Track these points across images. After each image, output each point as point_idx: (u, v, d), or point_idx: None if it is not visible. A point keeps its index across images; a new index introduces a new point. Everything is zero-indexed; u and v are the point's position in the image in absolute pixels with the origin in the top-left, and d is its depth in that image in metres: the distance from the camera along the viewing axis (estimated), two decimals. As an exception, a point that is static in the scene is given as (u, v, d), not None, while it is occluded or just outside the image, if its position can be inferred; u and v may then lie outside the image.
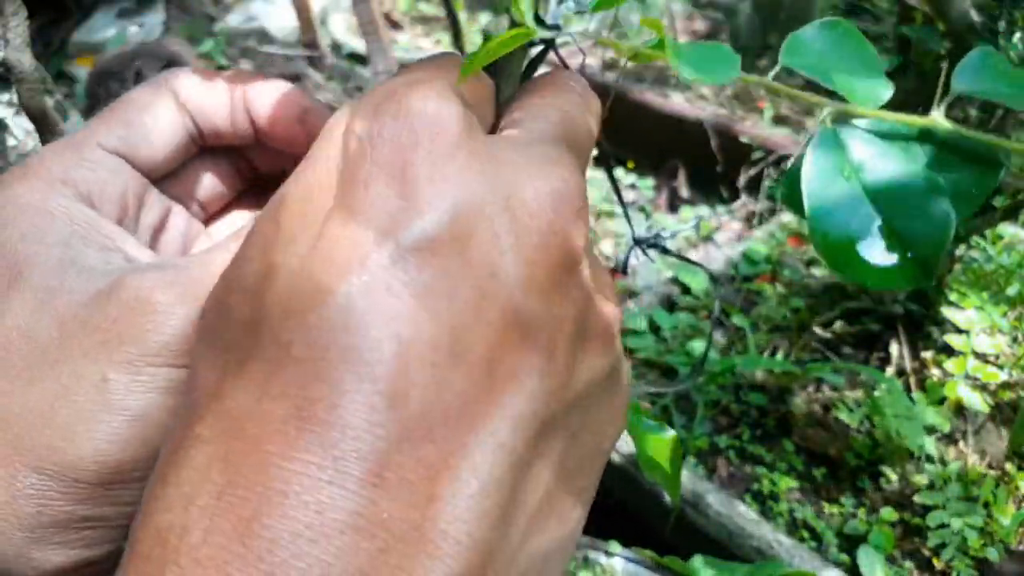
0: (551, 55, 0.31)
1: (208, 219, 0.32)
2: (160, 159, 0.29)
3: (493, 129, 0.26)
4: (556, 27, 0.30)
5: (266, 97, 0.30)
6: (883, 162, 0.25)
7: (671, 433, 0.42)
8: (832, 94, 0.26)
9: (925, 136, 0.26)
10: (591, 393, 0.22)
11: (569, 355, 0.20)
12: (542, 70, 0.31)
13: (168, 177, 0.30)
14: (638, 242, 0.40)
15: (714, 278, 0.50)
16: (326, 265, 0.18)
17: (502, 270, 0.19)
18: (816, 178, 0.25)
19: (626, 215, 0.39)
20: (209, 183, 0.32)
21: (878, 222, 0.25)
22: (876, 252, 0.25)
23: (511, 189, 0.20)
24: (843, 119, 0.26)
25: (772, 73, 0.26)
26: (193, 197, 0.31)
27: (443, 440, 0.17)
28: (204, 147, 0.31)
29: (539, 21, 0.30)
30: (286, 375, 0.17)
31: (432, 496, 0.17)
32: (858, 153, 0.25)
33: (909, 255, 0.24)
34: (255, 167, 0.33)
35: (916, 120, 0.25)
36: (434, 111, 0.20)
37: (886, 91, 0.25)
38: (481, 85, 0.25)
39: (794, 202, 0.26)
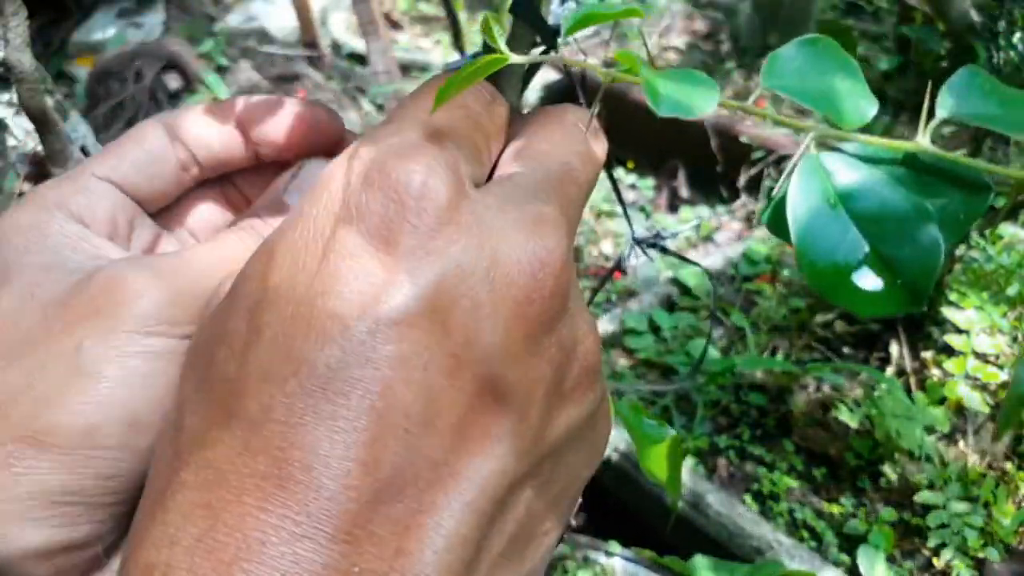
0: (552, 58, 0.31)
1: None
2: (152, 189, 0.31)
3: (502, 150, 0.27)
4: (557, 30, 0.30)
5: (261, 106, 0.31)
6: (869, 188, 0.25)
7: (671, 433, 0.42)
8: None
9: (911, 160, 0.26)
10: (569, 439, 0.23)
11: (544, 412, 0.21)
12: (543, 73, 0.31)
13: (165, 210, 0.32)
14: (637, 242, 0.40)
15: (711, 276, 0.50)
16: (308, 333, 0.19)
17: (479, 339, 0.20)
18: (801, 205, 0.25)
19: (626, 215, 0.39)
20: (204, 216, 0.33)
21: (866, 249, 0.25)
22: (865, 279, 0.24)
23: (494, 259, 0.20)
24: (828, 143, 0.26)
25: (754, 96, 0.25)
26: (188, 228, 0.33)
27: (412, 499, 0.19)
28: (203, 180, 0.32)
29: (541, 22, 0.30)
30: (267, 434, 0.18)
31: (400, 550, 0.18)
32: (843, 179, 0.25)
33: (898, 281, 0.24)
34: (250, 200, 0.34)
35: (902, 144, 0.25)
36: (421, 185, 0.20)
37: (871, 109, 0.25)
38: (490, 121, 0.26)
39: (779, 229, 0.26)
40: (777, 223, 0.26)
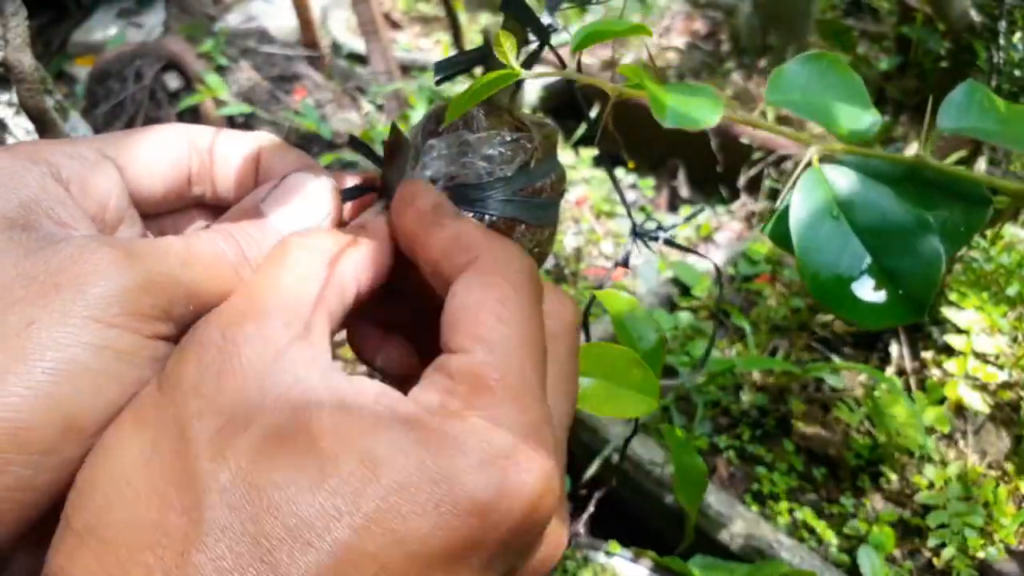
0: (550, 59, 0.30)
1: None
2: (153, 191, 0.29)
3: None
4: (552, 28, 0.30)
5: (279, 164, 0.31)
6: (871, 200, 0.25)
7: (703, 466, 0.45)
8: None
9: (912, 173, 0.26)
10: None
11: None
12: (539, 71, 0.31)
13: (156, 217, 0.31)
14: (639, 234, 0.40)
15: (717, 269, 0.51)
16: None
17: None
18: (804, 217, 0.25)
19: (627, 210, 0.39)
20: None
21: (868, 260, 0.25)
22: (867, 290, 0.24)
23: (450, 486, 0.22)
24: (831, 155, 0.26)
25: (759, 110, 0.26)
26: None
27: None
28: (202, 203, 0.31)
29: (533, 19, 0.30)
30: None
31: None
32: (846, 192, 0.25)
33: (900, 292, 0.24)
34: None
35: (903, 157, 0.25)
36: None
37: (874, 123, 0.25)
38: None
39: (782, 240, 0.26)
40: (780, 234, 0.26)
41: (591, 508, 0.64)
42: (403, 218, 0.28)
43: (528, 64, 0.30)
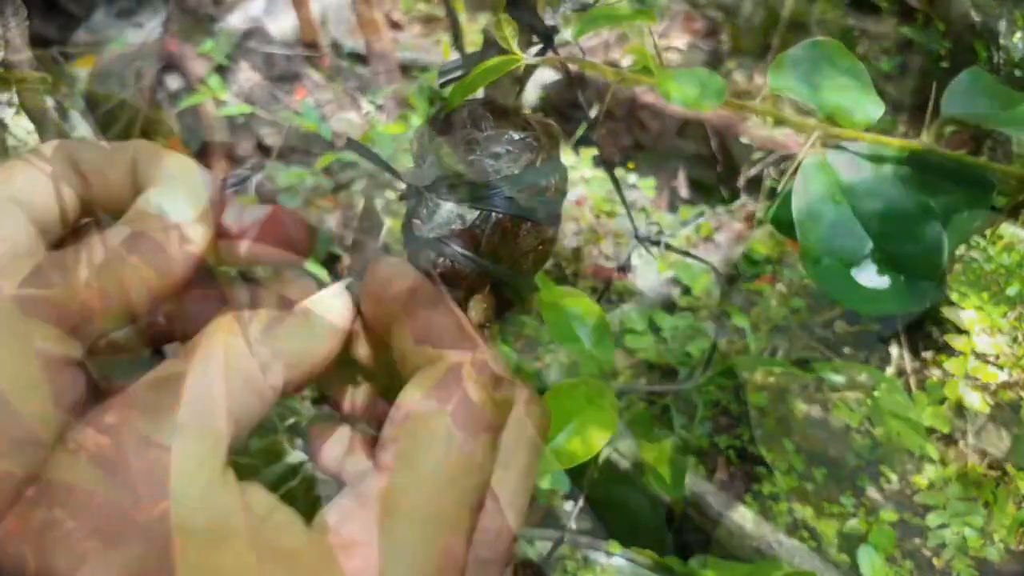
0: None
1: None
2: (49, 218, 0.28)
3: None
4: (554, 29, 0.30)
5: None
6: (874, 186, 0.25)
7: (668, 439, 0.43)
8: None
9: (916, 159, 0.26)
10: None
11: None
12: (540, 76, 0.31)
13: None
14: (640, 240, 0.40)
15: (718, 271, 0.51)
16: None
17: None
18: (807, 203, 0.25)
19: (629, 214, 0.39)
20: None
21: (870, 246, 0.25)
22: (869, 276, 0.24)
23: None
24: (833, 142, 0.26)
25: (760, 97, 0.26)
26: None
27: None
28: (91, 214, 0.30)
29: (537, 22, 0.30)
30: None
31: None
32: (848, 177, 0.25)
33: (902, 279, 0.24)
34: None
35: (907, 143, 0.25)
36: None
37: (877, 110, 0.25)
38: None
39: (785, 225, 0.26)
40: (782, 219, 0.26)
41: (580, 502, 0.64)
42: (375, 302, 0.27)
43: (530, 67, 0.30)
